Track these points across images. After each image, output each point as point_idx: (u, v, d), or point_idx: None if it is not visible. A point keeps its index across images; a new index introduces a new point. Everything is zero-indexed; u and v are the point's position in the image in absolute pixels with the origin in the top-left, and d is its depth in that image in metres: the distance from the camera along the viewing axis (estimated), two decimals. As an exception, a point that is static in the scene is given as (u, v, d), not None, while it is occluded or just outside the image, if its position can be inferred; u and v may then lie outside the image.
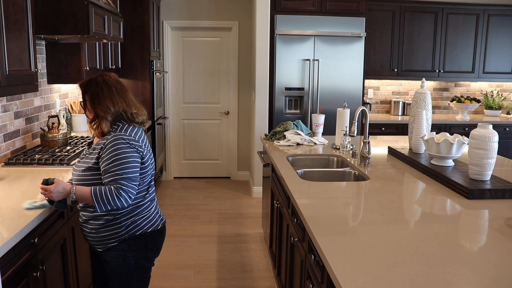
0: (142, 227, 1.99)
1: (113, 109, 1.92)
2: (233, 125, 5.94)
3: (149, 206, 2.04)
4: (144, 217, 2.01)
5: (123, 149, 1.87)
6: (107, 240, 1.96)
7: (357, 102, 5.06)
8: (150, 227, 2.03)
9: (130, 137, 1.92)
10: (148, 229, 2.02)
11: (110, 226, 1.95)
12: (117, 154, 1.86)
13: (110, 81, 1.97)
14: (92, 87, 1.94)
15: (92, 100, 1.93)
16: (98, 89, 1.93)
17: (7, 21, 2.23)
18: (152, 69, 4.98)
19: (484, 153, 2.14)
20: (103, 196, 1.83)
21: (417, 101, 2.93)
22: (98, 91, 1.93)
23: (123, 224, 1.95)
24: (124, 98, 1.97)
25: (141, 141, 1.97)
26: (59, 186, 1.85)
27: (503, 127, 5.44)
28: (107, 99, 1.92)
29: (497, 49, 5.62)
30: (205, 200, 5.09)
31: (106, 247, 1.98)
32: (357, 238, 1.60)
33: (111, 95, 1.93)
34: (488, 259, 1.44)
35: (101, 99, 1.92)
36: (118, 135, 1.91)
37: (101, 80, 1.96)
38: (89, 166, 1.92)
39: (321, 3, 4.93)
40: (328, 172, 2.83)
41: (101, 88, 1.93)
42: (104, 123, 1.93)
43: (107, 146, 1.88)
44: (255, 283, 3.22)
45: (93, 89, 1.93)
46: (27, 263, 1.82)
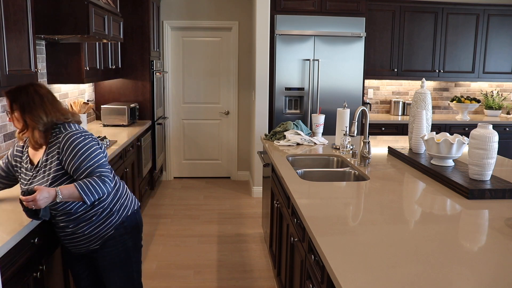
0: (130, 206, 2.10)
1: (46, 119, 1.89)
2: (233, 125, 5.94)
3: (124, 187, 2.15)
4: (126, 197, 2.11)
5: (81, 142, 1.89)
6: (104, 232, 2.00)
7: (357, 102, 5.06)
8: (135, 204, 2.15)
9: (78, 129, 1.95)
10: (135, 206, 2.14)
11: (104, 218, 1.99)
12: (79, 149, 1.87)
13: (41, 91, 1.94)
14: (22, 97, 1.89)
15: (23, 109, 1.88)
16: (29, 99, 1.88)
17: (7, 21, 2.23)
18: (152, 69, 4.98)
19: (484, 153, 2.14)
20: (89, 186, 1.83)
21: (417, 101, 2.93)
22: (29, 101, 1.88)
23: (114, 211, 2.02)
24: (57, 108, 1.94)
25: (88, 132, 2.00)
26: (43, 192, 1.74)
27: (503, 127, 5.44)
28: (38, 109, 1.88)
29: (497, 49, 5.62)
30: (205, 200, 5.09)
31: (104, 239, 2.01)
32: (357, 238, 1.60)
33: (43, 105, 1.90)
34: (488, 259, 1.44)
35: (33, 108, 1.88)
36: (68, 133, 1.90)
37: (32, 91, 1.91)
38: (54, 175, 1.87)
39: (321, 3, 4.93)
40: (328, 172, 2.83)
41: (32, 98, 1.89)
42: (36, 133, 1.89)
43: (63, 147, 1.87)
44: (255, 283, 3.22)
45: (23, 99, 1.88)
46: (27, 263, 1.82)
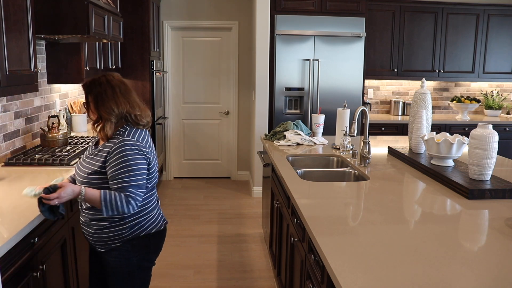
0: (146, 228, 1.99)
1: (117, 111, 1.88)
2: (233, 125, 5.94)
3: (153, 207, 2.04)
4: (148, 218, 2.00)
5: (131, 155, 1.84)
6: (110, 241, 1.95)
7: (357, 102, 5.06)
8: (154, 228, 2.03)
9: (137, 143, 1.89)
10: (152, 230, 2.02)
11: (114, 227, 1.93)
12: (125, 160, 1.83)
13: (113, 81, 1.93)
14: (95, 88, 1.90)
15: (96, 101, 1.89)
16: (101, 90, 1.89)
17: (7, 21, 2.23)
18: (152, 69, 4.98)
19: (484, 153, 2.14)
20: (112, 201, 1.81)
21: (417, 101, 2.93)
22: (101, 92, 1.89)
23: (127, 226, 1.94)
24: (128, 100, 1.93)
25: (148, 146, 1.95)
26: (68, 188, 1.78)
27: (503, 127, 5.44)
28: (110, 101, 1.88)
29: (497, 49, 5.62)
30: (205, 200, 5.09)
31: (109, 248, 1.96)
32: (357, 238, 1.60)
33: (114, 97, 1.89)
34: (488, 259, 1.44)
35: (105, 100, 1.88)
36: (125, 140, 1.87)
37: (104, 81, 1.92)
38: (95, 169, 1.89)
39: (321, 3, 4.93)
40: (328, 172, 2.83)
41: (105, 89, 1.89)
42: (108, 125, 1.89)
43: (114, 151, 1.85)
44: (255, 283, 3.22)
45: (97, 90, 1.89)
46: (27, 263, 1.82)
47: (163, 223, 2.09)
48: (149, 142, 1.99)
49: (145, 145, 1.92)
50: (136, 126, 1.95)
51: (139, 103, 1.99)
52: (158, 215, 2.07)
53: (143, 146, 1.91)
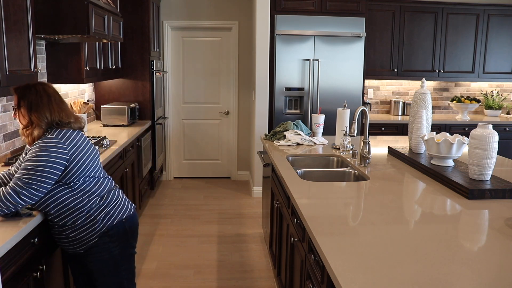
0: (117, 216, 2.05)
1: (49, 118, 1.93)
2: (233, 125, 5.94)
3: (114, 195, 2.10)
4: (115, 206, 2.07)
5: (42, 151, 1.86)
6: (87, 239, 1.99)
7: (357, 102, 5.06)
8: (124, 213, 2.09)
9: (55, 139, 1.91)
10: (123, 216, 2.08)
11: (86, 225, 1.97)
12: (33, 155, 1.85)
13: (49, 90, 1.99)
14: (30, 94, 1.94)
15: (30, 107, 1.93)
16: (37, 97, 1.94)
17: (7, 21, 2.23)
18: (152, 69, 4.98)
19: (484, 153, 2.14)
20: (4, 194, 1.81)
21: (417, 101, 2.93)
22: (37, 99, 1.94)
23: (98, 219, 1.99)
24: (61, 108, 1.98)
25: (70, 141, 1.95)
26: None
27: (503, 127, 5.44)
28: (45, 108, 1.93)
29: (497, 49, 5.62)
30: (205, 200, 5.09)
31: (88, 246, 2.00)
32: (357, 238, 1.60)
33: (49, 104, 1.95)
34: (488, 259, 1.44)
35: (39, 107, 1.93)
36: (44, 138, 1.91)
37: (41, 89, 1.97)
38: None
39: (321, 3, 4.93)
40: (328, 172, 2.83)
41: (41, 97, 1.95)
42: (37, 130, 1.93)
43: (31, 149, 1.90)
44: (255, 283, 3.22)
45: (32, 96, 1.94)
46: (27, 263, 1.82)
47: (131, 207, 2.16)
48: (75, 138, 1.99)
49: (64, 142, 1.93)
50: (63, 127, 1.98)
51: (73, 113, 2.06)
52: (124, 201, 2.14)
53: (62, 143, 1.92)
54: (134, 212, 2.17)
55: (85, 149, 2.02)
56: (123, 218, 2.08)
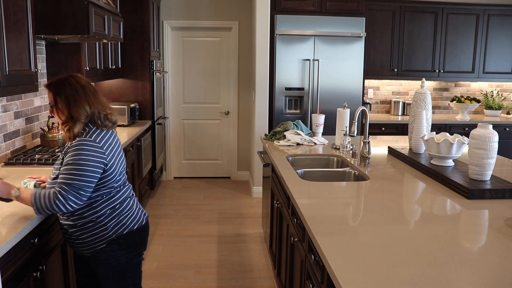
0: (128, 225, 2.00)
1: (89, 110, 1.89)
2: (233, 125, 5.94)
3: (129, 204, 2.05)
4: (128, 215, 2.01)
5: (82, 155, 1.82)
6: (94, 244, 1.95)
7: (357, 102, 5.06)
8: (136, 224, 2.04)
9: (94, 143, 1.87)
10: (134, 226, 2.03)
11: (96, 230, 1.93)
12: (74, 159, 1.82)
13: (82, 81, 1.94)
14: (65, 88, 1.90)
15: (68, 101, 1.88)
16: (73, 91, 1.89)
17: (7, 21, 2.23)
18: (152, 69, 4.98)
19: (484, 153, 2.14)
20: (41, 201, 1.79)
21: (417, 101, 2.93)
22: (73, 93, 1.89)
23: (109, 226, 1.94)
24: (98, 99, 1.95)
25: (107, 146, 1.93)
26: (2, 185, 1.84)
27: (503, 127, 5.44)
28: (83, 100, 1.89)
29: (497, 49, 5.62)
30: (205, 200, 5.09)
31: (95, 251, 1.96)
32: (357, 238, 1.60)
33: (87, 97, 1.91)
34: (488, 259, 1.44)
35: (77, 100, 1.88)
36: (82, 140, 1.87)
37: (74, 82, 1.92)
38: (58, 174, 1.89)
39: (321, 3, 4.93)
40: (328, 172, 2.83)
41: (76, 90, 1.90)
42: (78, 125, 1.89)
43: (69, 151, 1.86)
44: (255, 283, 3.22)
45: (67, 90, 1.89)
46: (27, 263, 1.82)
47: (144, 217, 2.11)
48: (111, 143, 1.97)
49: (102, 146, 1.90)
50: (103, 126, 1.94)
51: (108, 103, 2.01)
52: (137, 210, 2.09)
53: (100, 147, 1.88)
54: (146, 222, 2.12)
55: (116, 154, 1.98)
56: (134, 229, 2.03)
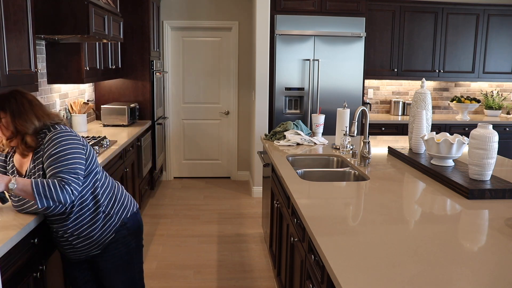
0: (129, 208, 2.04)
1: (37, 123, 1.83)
2: (233, 125, 5.94)
3: (118, 188, 2.06)
4: (125, 198, 2.05)
5: (63, 141, 1.79)
6: (104, 237, 1.95)
7: (357, 102, 5.06)
8: (134, 205, 2.09)
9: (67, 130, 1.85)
10: (134, 208, 2.07)
11: (103, 222, 1.93)
12: (58, 146, 1.78)
13: (28, 96, 1.88)
14: (9, 103, 1.83)
15: (13, 116, 1.81)
16: (19, 105, 1.83)
17: (7, 21, 2.23)
18: (152, 69, 4.98)
19: (484, 153, 2.14)
20: (45, 188, 1.69)
21: (417, 101, 2.93)
22: (19, 107, 1.82)
23: (113, 213, 1.95)
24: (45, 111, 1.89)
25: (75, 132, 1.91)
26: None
27: (503, 127, 5.44)
28: (29, 114, 1.83)
29: (497, 49, 5.62)
30: (205, 200, 5.09)
31: (104, 245, 1.96)
32: (357, 238, 1.60)
33: (33, 110, 1.85)
34: (488, 259, 1.44)
35: (23, 114, 1.82)
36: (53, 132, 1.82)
37: (20, 96, 1.86)
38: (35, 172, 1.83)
39: (321, 3, 4.93)
40: (328, 172, 2.83)
41: (22, 103, 1.83)
42: (29, 138, 1.82)
43: (46, 146, 1.80)
44: (255, 283, 3.22)
45: (13, 105, 1.82)
46: (27, 263, 1.82)
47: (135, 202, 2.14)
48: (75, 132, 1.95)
49: (71, 131, 1.88)
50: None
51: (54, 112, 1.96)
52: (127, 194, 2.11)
53: (70, 131, 1.86)
54: (137, 205, 2.17)
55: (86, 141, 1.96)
56: (134, 211, 2.07)
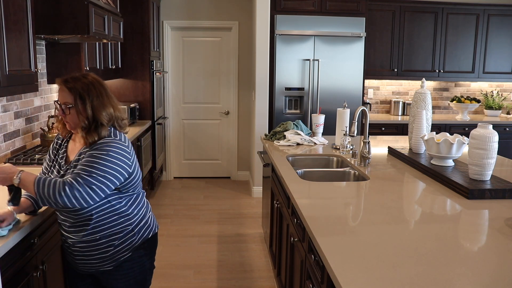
0: (152, 227, 1.94)
1: (114, 114, 1.75)
2: (233, 125, 5.94)
3: (149, 206, 2.00)
4: (150, 217, 1.95)
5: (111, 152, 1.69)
6: (120, 255, 1.80)
7: (357, 102, 5.06)
8: (156, 226, 2.00)
9: (123, 145, 1.75)
10: (156, 229, 1.98)
11: (124, 238, 1.79)
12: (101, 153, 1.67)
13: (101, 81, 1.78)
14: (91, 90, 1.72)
15: (92, 103, 1.71)
16: (97, 92, 1.73)
17: (7, 21, 2.23)
18: (152, 69, 4.98)
19: (484, 153, 2.14)
20: (45, 185, 1.59)
21: (417, 101, 2.93)
22: (98, 94, 1.73)
23: (136, 231, 1.83)
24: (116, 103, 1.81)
25: (131, 149, 1.82)
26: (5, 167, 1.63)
27: (503, 127, 5.44)
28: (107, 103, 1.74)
29: (497, 49, 5.62)
30: (205, 200, 5.09)
31: (119, 262, 1.82)
32: (357, 238, 1.60)
33: (110, 99, 1.76)
34: (488, 259, 1.44)
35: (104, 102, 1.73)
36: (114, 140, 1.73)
37: (96, 82, 1.75)
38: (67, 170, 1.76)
39: (321, 3, 4.93)
40: (328, 172, 2.83)
41: (100, 91, 1.73)
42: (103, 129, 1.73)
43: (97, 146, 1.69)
44: (255, 283, 3.22)
45: (93, 91, 1.72)
46: (27, 263, 1.82)
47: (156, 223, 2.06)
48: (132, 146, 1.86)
49: (130, 149, 1.79)
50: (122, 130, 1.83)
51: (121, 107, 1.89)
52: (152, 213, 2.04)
53: (128, 151, 1.77)
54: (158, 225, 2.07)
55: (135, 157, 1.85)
56: (156, 231, 1.97)
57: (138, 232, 1.84)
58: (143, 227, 1.87)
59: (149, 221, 1.92)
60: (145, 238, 1.88)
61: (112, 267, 1.82)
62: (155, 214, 4.73)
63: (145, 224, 1.88)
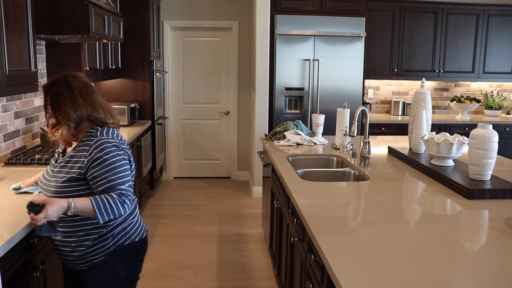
0: (130, 236, 1.86)
1: (74, 115, 1.74)
2: (233, 125, 5.94)
3: (133, 212, 1.90)
4: (132, 224, 1.88)
5: (111, 153, 1.74)
6: (92, 257, 1.80)
7: (357, 102, 5.06)
8: (137, 236, 1.90)
9: (114, 140, 1.79)
10: (136, 238, 1.89)
11: (96, 240, 1.78)
12: (106, 159, 1.72)
13: (73, 83, 1.78)
14: (53, 89, 1.76)
15: (52, 104, 1.75)
16: (58, 92, 1.75)
17: (7, 21, 2.23)
18: (152, 69, 4.98)
19: (484, 153, 2.14)
20: (106, 205, 1.66)
21: (417, 101, 2.93)
22: (58, 94, 1.75)
23: (109, 236, 1.79)
24: (88, 102, 1.79)
25: (124, 143, 1.85)
26: (55, 205, 1.61)
27: (503, 127, 5.44)
28: (67, 104, 1.74)
29: (497, 49, 5.62)
30: (205, 200, 5.09)
31: (92, 264, 1.80)
32: (357, 238, 1.60)
33: (72, 99, 1.75)
34: (488, 259, 1.44)
35: (61, 103, 1.74)
36: (101, 139, 1.76)
37: (62, 82, 1.77)
38: (72, 177, 1.73)
39: (321, 3, 4.93)
40: (328, 172, 2.83)
41: (61, 91, 1.75)
42: (66, 129, 1.75)
43: (93, 152, 1.72)
44: (255, 283, 3.22)
45: (53, 91, 1.76)
46: (27, 263, 1.82)
47: (145, 230, 1.98)
48: (124, 140, 1.87)
49: (122, 142, 1.83)
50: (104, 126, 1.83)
51: (104, 104, 1.85)
52: (140, 220, 1.96)
53: (121, 143, 1.81)
54: (146, 236, 1.97)
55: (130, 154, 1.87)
56: (136, 240, 1.88)
57: (113, 238, 1.81)
58: (120, 233, 1.82)
59: (128, 228, 1.85)
60: (120, 245, 1.83)
61: (86, 267, 1.83)
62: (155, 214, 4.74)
63: (122, 231, 1.83)
